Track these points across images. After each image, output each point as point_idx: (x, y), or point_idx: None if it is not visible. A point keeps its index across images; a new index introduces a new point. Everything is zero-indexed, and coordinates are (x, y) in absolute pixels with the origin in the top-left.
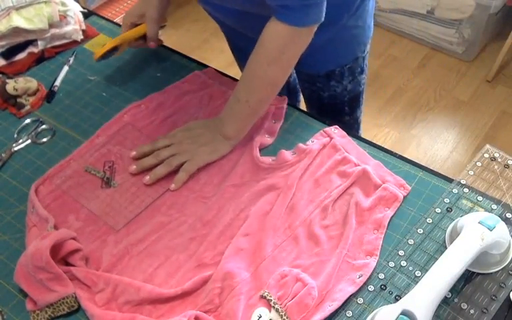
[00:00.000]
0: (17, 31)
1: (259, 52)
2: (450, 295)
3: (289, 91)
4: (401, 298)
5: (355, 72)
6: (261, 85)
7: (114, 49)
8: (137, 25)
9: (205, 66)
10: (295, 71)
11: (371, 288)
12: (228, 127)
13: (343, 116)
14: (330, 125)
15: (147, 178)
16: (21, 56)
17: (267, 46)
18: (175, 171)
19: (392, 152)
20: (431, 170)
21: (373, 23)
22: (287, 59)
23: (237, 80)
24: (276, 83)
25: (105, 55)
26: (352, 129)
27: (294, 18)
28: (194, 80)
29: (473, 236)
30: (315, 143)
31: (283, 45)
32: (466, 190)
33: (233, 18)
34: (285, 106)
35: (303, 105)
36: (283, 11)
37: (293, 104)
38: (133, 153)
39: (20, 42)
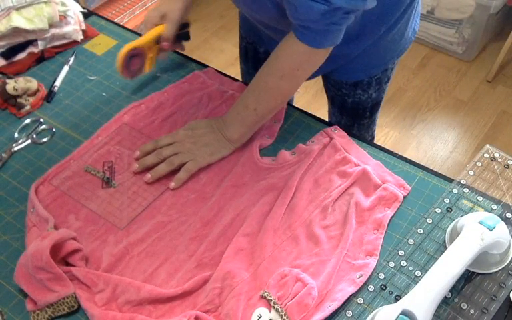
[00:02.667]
0: (17, 31)
1: (273, 65)
2: (450, 294)
3: None
4: (400, 298)
5: (382, 82)
6: (271, 96)
7: (136, 57)
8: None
9: (205, 66)
10: None
11: (371, 288)
12: (232, 130)
13: (362, 119)
14: (345, 125)
15: (148, 176)
16: (21, 56)
17: (282, 61)
18: (176, 170)
19: (392, 152)
20: (431, 170)
21: (414, 34)
22: (301, 75)
23: (237, 80)
24: (286, 96)
25: (130, 68)
26: (368, 128)
27: (314, 40)
28: (194, 80)
29: (473, 236)
30: (315, 143)
31: (298, 62)
32: (466, 190)
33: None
34: (285, 106)
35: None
36: (304, 31)
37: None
38: (137, 153)
39: (20, 42)
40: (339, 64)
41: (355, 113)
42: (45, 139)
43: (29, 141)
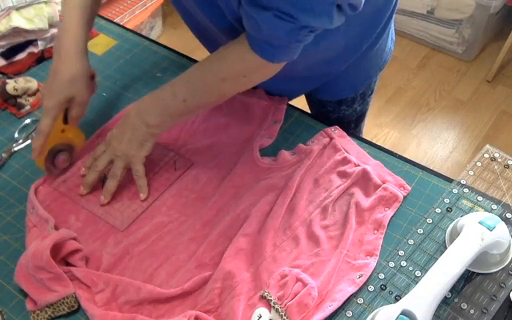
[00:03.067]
0: (17, 31)
1: (217, 65)
2: (450, 294)
3: None
4: (401, 298)
5: (366, 95)
6: (207, 94)
7: (61, 153)
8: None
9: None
10: None
11: (371, 288)
12: (151, 114)
13: (348, 130)
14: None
15: (102, 198)
16: (21, 56)
17: (228, 64)
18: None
19: (392, 152)
20: (431, 170)
21: (393, 44)
22: (245, 82)
23: None
24: (224, 97)
25: (58, 166)
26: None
27: (270, 53)
28: None
29: (473, 236)
30: (315, 143)
31: (246, 70)
32: (466, 190)
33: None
34: (285, 106)
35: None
36: (261, 43)
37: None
38: (82, 170)
39: (20, 42)
40: (322, 82)
41: (340, 125)
42: None
43: (29, 141)
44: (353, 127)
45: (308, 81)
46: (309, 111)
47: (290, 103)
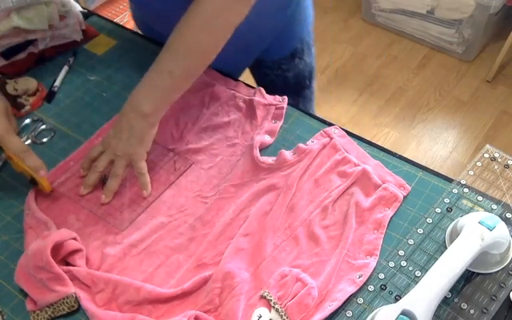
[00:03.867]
0: (17, 31)
1: (191, 16)
2: (450, 294)
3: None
4: (401, 298)
5: (310, 43)
6: (189, 53)
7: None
8: None
9: None
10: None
11: (371, 288)
12: (144, 102)
13: (305, 90)
14: (293, 102)
15: (103, 197)
16: (21, 56)
17: (201, 10)
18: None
19: (392, 152)
20: (431, 170)
21: None
22: (222, 25)
23: (237, 80)
24: (206, 52)
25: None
26: (310, 100)
27: None
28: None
29: (473, 236)
30: (315, 143)
31: (219, 8)
32: (466, 190)
33: None
34: (285, 106)
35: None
36: None
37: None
38: (81, 172)
39: (20, 42)
40: (273, 37)
41: (298, 87)
42: (44, 139)
43: (28, 141)
44: (308, 85)
45: (260, 40)
46: (307, 111)
47: (290, 103)
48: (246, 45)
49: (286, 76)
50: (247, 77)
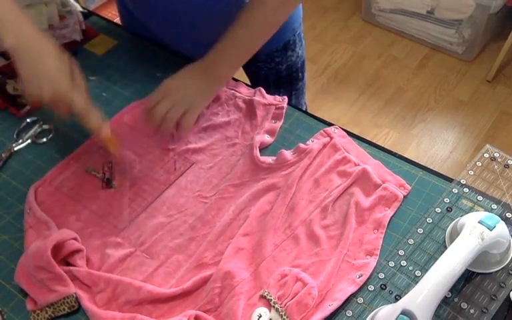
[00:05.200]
0: None
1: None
2: (450, 294)
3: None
4: (400, 298)
5: (301, 35)
6: (265, 29)
7: None
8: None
9: None
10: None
11: (371, 287)
12: (221, 69)
13: (297, 83)
14: (285, 95)
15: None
16: None
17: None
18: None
19: (392, 152)
20: (431, 170)
21: None
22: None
23: (238, 80)
24: (279, 25)
25: None
26: (302, 93)
27: None
28: None
29: (473, 235)
30: (314, 142)
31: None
32: (466, 190)
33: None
34: (285, 106)
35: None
36: None
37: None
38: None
39: None
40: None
41: (290, 80)
42: (44, 139)
43: (29, 141)
44: (300, 78)
45: None
46: (309, 111)
47: (290, 103)
48: None
49: (279, 69)
50: (240, 74)
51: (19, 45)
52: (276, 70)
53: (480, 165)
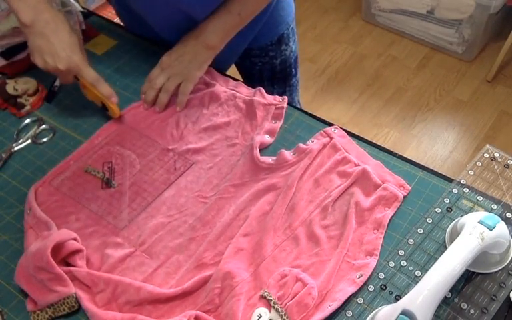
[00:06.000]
0: (17, 31)
1: None
2: (450, 294)
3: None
4: (400, 298)
5: (294, 30)
6: (258, 1)
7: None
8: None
9: None
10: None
11: (371, 288)
12: (213, 36)
13: (290, 79)
14: (277, 93)
15: (157, 108)
16: (21, 56)
17: None
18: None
19: (392, 152)
20: (431, 170)
21: None
22: None
23: (237, 79)
24: None
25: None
26: (296, 89)
27: None
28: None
29: (473, 236)
30: (314, 143)
31: None
32: (466, 190)
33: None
34: (285, 106)
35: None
36: None
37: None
38: (142, 97)
39: (20, 42)
40: (262, 22)
41: (284, 75)
42: (45, 139)
43: (29, 141)
44: (294, 74)
45: (250, 24)
46: (309, 111)
47: (290, 103)
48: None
49: (273, 63)
50: (235, 72)
51: (35, 18)
52: (270, 64)
53: (480, 165)
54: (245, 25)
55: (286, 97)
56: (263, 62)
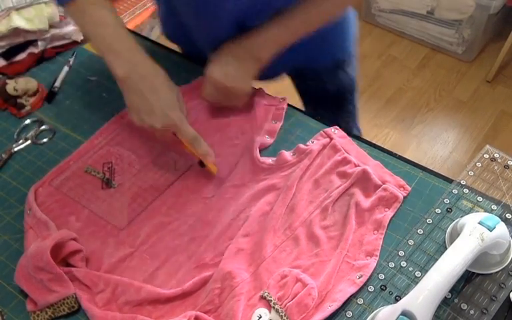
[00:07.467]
0: (17, 31)
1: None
2: (450, 295)
3: None
4: (400, 298)
5: (354, 57)
6: (320, 21)
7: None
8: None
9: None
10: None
11: (371, 288)
12: (266, 51)
13: (346, 106)
14: (333, 119)
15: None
16: (21, 56)
17: None
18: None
19: (392, 152)
20: (431, 170)
21: None
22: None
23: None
24: (331, 19)
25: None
26: (352, 115)
27: None
28: (197, 86)
29: (473, 236)
30: (314, 143)
31: None
32: (466, 190)
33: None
34: (285, 106)
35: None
36: None
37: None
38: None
39: (20, 42)
40: (316, 45)
41: (339, 100)
42: (45, 140)
43: (29, 142)
44: (351, 100)
45: (303, 47)
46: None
47: (290, 103)
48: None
49: (327, 88)
50: (291, 90)
51: (131, 74)
52: (323, 89)
53: (480, 165)
54: (298, 39)
55: (286, 97)
56: (316, 85)
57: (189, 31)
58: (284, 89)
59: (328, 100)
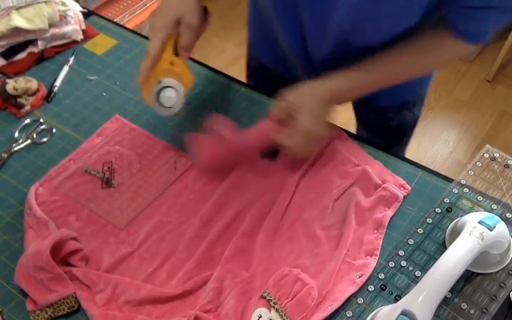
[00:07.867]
0: (17, 30)
1: (425, 59)
2: (450, 295)
3: None
4: (400, 298)
5: (424, 97)
6: (403, 79)
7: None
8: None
9: (206, 66)
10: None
11: (371, 288)
12: (345, 99)
13: (404, 138)
14: (388, 148)
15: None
16: (21, 56)
17: (437, 57)
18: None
19: (392, 152)
20: (431, 170)
21: None
22: (443, 65)
23: (235, 79)
24: (413, 77)
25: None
26: (405, 146)
27: (482, 38)
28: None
29: (473, 236)
30: None
31: (455, 58)
32: (466, 190)
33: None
34: None
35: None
36: (478, 35)
37: None
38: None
39: (20, 42)
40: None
41: (398, 135)
42: (44, 139)
43: (28, 141)
44: (409, 133)
45: None
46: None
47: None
48: None
49: (389, 124)
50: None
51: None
52: (386, 124)
53: (480, 165)
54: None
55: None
56: (379, 119)
57: (283, 54)
58: None
59: (386, 132)
